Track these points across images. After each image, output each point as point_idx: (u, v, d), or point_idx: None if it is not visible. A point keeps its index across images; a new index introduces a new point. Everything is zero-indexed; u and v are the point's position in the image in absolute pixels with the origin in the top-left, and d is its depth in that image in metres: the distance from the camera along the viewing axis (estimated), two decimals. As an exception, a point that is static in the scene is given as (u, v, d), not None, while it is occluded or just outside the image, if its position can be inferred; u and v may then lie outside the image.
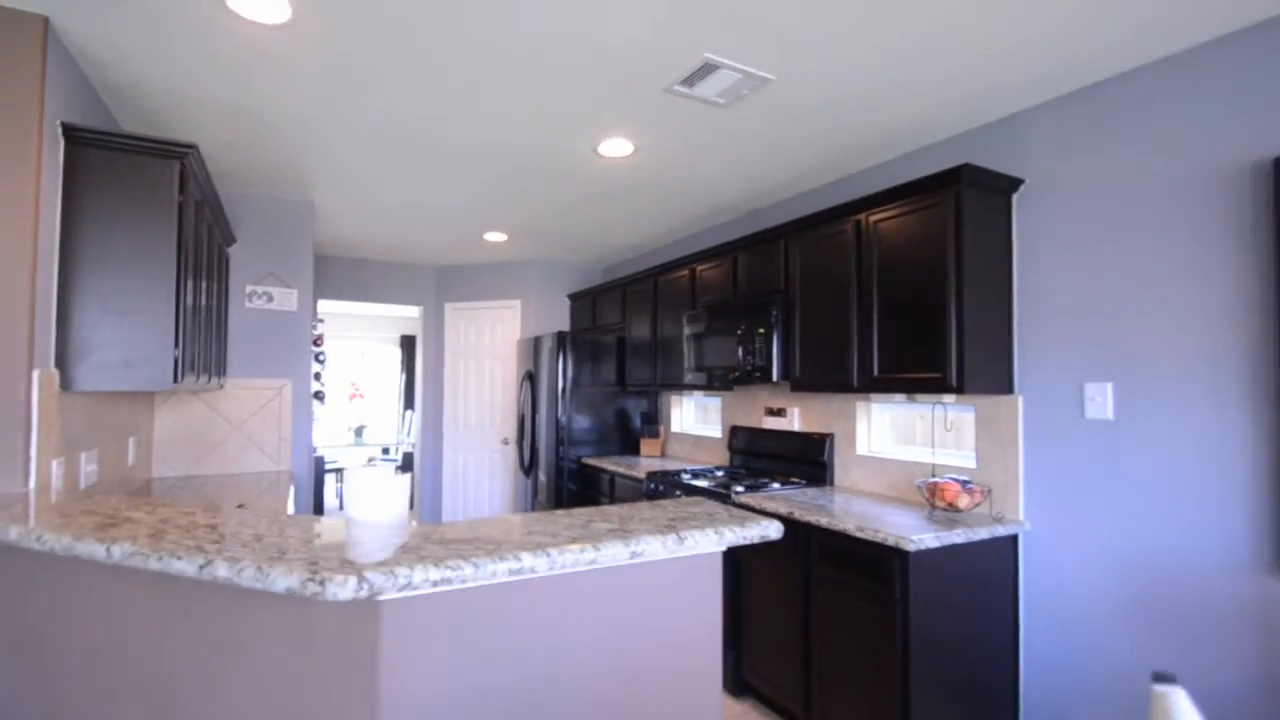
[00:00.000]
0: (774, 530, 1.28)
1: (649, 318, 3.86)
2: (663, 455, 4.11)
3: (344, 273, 4.81)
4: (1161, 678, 0.80)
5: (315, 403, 4.38)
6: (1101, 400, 1.96)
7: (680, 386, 3.51)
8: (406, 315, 7.61)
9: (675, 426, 4.13)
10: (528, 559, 1.04)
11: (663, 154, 2.67)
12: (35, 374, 1.69)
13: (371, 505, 1.34)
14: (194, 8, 1.68)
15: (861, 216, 2.44)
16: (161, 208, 2.02)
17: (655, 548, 1.16)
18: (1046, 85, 2.03)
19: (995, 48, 1.81)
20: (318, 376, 4.55)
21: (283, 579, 0.93)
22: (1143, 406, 1.87)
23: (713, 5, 1.61)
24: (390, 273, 4.98)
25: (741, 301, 2.97)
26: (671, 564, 1.25)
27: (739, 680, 2.61)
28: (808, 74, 1.97)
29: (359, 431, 6.99)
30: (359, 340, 7.65)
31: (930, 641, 1.96)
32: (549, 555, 1.06)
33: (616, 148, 2.60)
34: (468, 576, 1.00)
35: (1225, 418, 1.70)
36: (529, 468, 4.40)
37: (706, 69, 1.95)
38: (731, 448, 3.46)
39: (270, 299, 3.35)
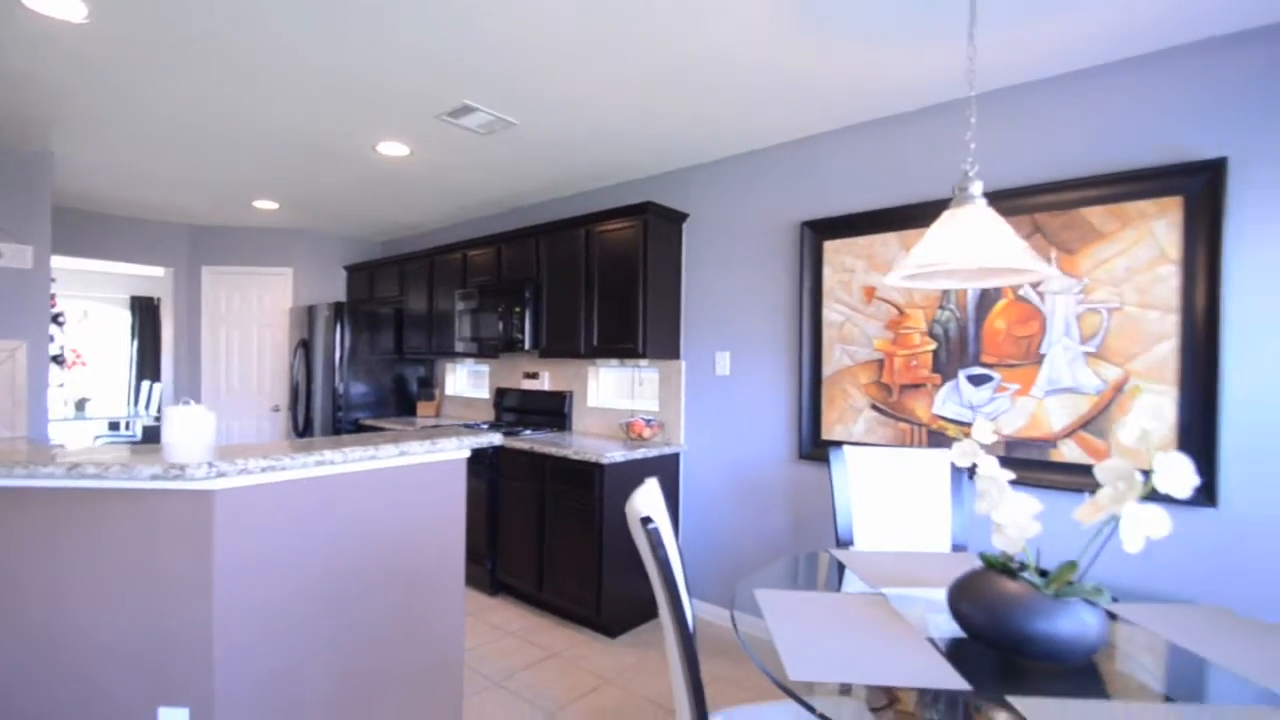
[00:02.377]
0: (497, 438, 1.98)
1: (425, 293, 4.29)
2: (438, 415, 4.60)
3: (77, 226, 4.25)
4: (647, 520, 1.17)
5: (54, 366, 3.89)
6: (724, 363, 3.06)
7: (454, 355, 4.06)
8: (138, 274, 6.67)
9: (449, 390, 4.66)
10: (329, 454, 1.57)
11: (435, 159, 3.15)
12: None
13: (189, 433, 1.72)
14: None
15: (589, 227, 3.26)
16: None
17: (418, 449, 1.77)
18: (700, 154, 3.02)
19: (673, 127, 2.70)
20: (51, 339, 4.01)
21: (147, 469, 1.33)
22: (744, 367, 3.00)
23: (470, 68, 2.17)
24: (133, 230, 4.52)
25: (504, 283, 3.62)
26: (430, 466, 1.87)
27: (495, 581, 3.35)
28: (544, 123, 2.66)
29: (81, 405, 6.03)
30: (80, 300, 6.50)
31: (616, 529, 2.89)
32: (343, 452, 1.61)
33: (393, 149, 3.00)
34: (287, 466, 1.50)
35: (779, 374, 2.88)
36: (303, 432, 4.53)
37: (466, 109, 2.52)
38: (497, 406, 4.14)
39: (0, 255, 3.03)
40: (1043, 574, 1.16)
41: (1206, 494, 1.82)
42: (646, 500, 1.27)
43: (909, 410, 2.41)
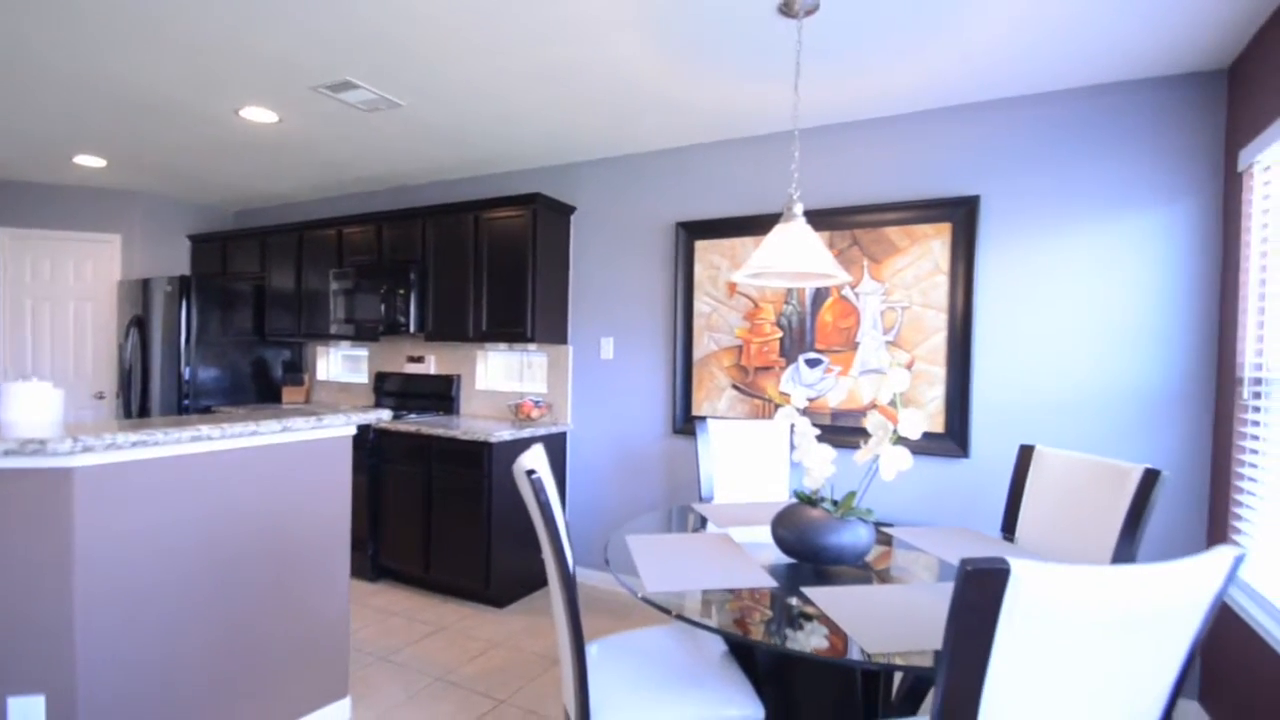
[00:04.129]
0: (386, 415, 2.27)
1: (293, 270, 4.28)
2: (307, 401, 4.60)
3: None
4: (531, 471, 1.80)
5: None
6: (609, 348, 3.53)
7: (328, 337, 4.12)
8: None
9: (321, 375, 4.67)
10: (205, 429, 1.76)
11: (308, 131, 3.26)
12: None
13: (32, 410, 1.81)
14: None
15: (479, 213, 3.56)
16: None
17: (301, 424, 2.01)
18: (587, 151, 3.46)
19: (560, 125, 3.09)
20: None
21: (1, 444, 1.46)
22: (626, 351, 3.49)
23: (353, 45, 2.39)
24: (-109, 177, 3.98)
25: (386, 264, 3.79)
26: (315, 443, 2.11)
27: (377, 567, 3.55)
28: (432, 107, 2.92)
29: None
30: None
31: (505, 505, 3.25)
32: (222, 428, 1.81)
33: (260, 115, 3.06)
34: (160, 441, 1.66)
35: (657, 358, 3.40)
36: (139, 422, 4.30)
37: (347, 85, 2.70)
38: (379, 391, 4.27)
39: None
40: (836, 504, 1.73)
41: (962, 448, 2.61)
42: (532, 458, 1.66)
43: (761, 389, 3.04)
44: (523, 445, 3.33)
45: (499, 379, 4.00)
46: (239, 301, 4.37)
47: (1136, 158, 2.39)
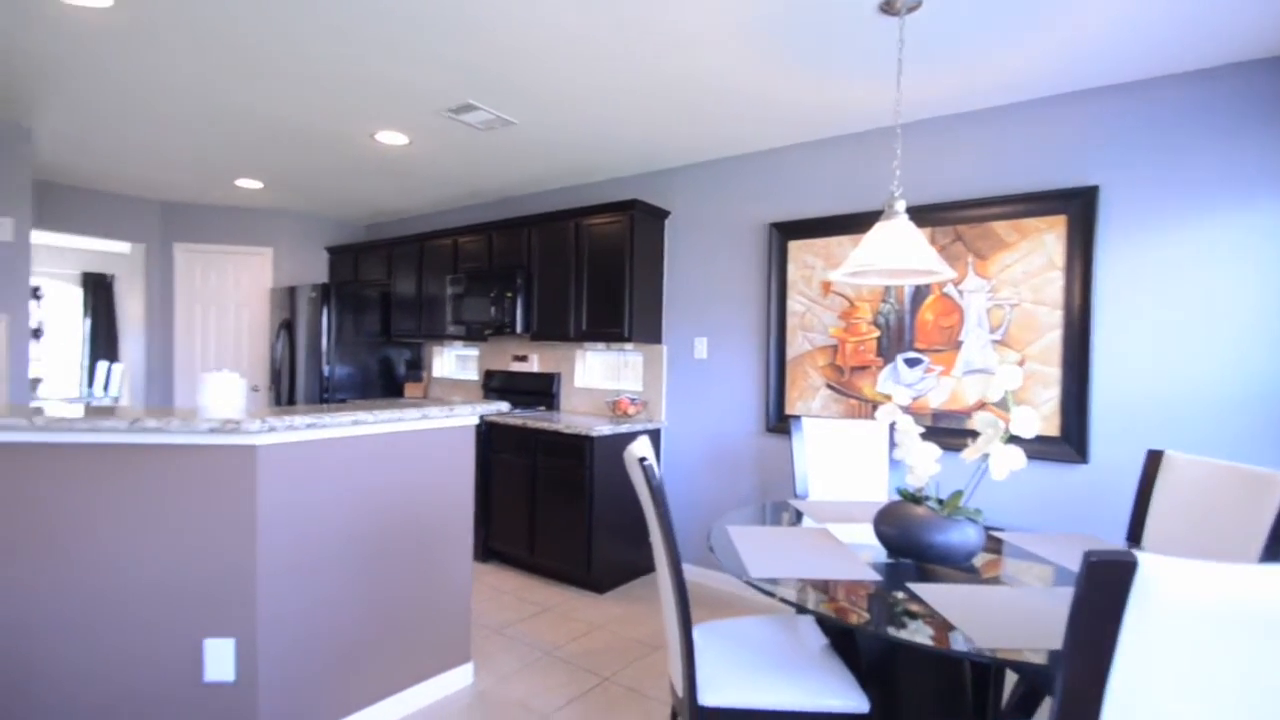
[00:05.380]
0: (505, 406, 2.46)
1: (414, 277, 4.67)
2: (425, 396, 5.00)
3: (41, 198, 4.44)
4: (643, 459, 1.90)
5: (33, 341, 4.08)
6: (702, 348, 3.59)
7: (443, 337, 4.46)
8: (91, 249, 6.73)
9: (437, 373, 5.06)
10: (362, 414, 2.01)
11: (433, 150, 3.56)
12: None
13: (224, 399, 2.12)
14: None
15: (579, 220, 3.73)
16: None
17: (437, 413, 2.23)
18: (681, 157, 3.54)
19: (657, 133, 3.20)
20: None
21: (207, 425, 1.74)
22: (719, 350, 3.54)
23: (476, 70, 2.61)
24: (101, 203, 4.72)
25: (495, 269, 4.05)
26: (445, 431, 2.33)
27: (487, 549, 3.81)
28: (541, 122, 3.11)
29: (34, 385, 6.11)
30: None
31: (605, 496, 3.40)
32: (375, 413, 2.05)
33: (393, 139, 3.39)
34: (327, 424, 1.93)
35: (750, 357, 3.43)
36: (286, 413, 4.85)
37: (468, 107, 2.94)
38: (486, 387, 4.57)
39: None
40: (941, 503, 1.70)
41: (1079, 452, 2.46)
42: (641, 447, 1.76)
43: (857, 388, 2.99)
44: (621, 439, 3.46)
45: (596, 377, 4.16)
46: (368, 306, 4.82)
47: (1265, 142, 2.15)
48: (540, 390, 4.24)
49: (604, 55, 2.36)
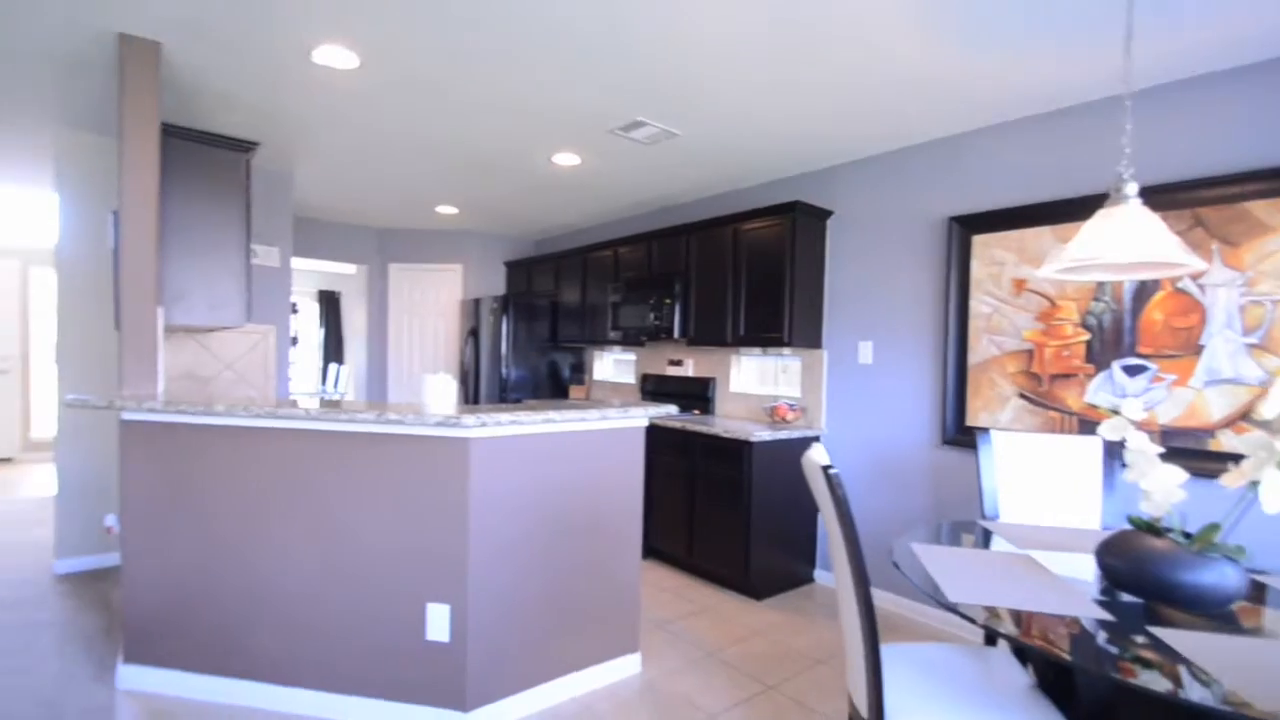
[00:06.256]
0: (673, 409, 2.51)
1: (579, 286, 4.97)
2: (587, 398, 5.29)
3: (294, 230, 5.43)
4: (828, 467, 1.83)
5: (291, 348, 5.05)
6: (867, 352, 3.38)
7: (604, 343, 4.69)
8: (327, 271, 8.08)
9: (597, 376, 5.33)
10: (552, 414, 2.18)
11: (601, 167, 3.76)
12: (158, 311, 2.52)
13: (441, 397, 2.40)
14: (282, 53, 2.51)
15: (737, 225, 3.71)
16: (235, 187, 2.83)
17: (614, 414, 2.35)
18: (845, 153, 3.37)
19: (821, 129, 3.10)
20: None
21: (435, 418, 1.99)
22: (886, 355, 3.31)
23: (644, 89, 2.72)
24: (334, 232, 5.65)
25: (654, 277, 4.17)
26: (619, 431, 2.44)
27: (647, 546, 3.92)
28: (703, 132, 3.15)
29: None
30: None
31: (762, 502, 3.33)
32: (563, 413, 2.21)
33: (567, 160, 3.65)
34: (522, 421, 2.12)
35: (921, 362, 3.16)
36: (471, 410, 5.42)
37: (637, 124, 3.07)
38: (643, 390, 4.72)
39: (255, 255, 4.07)
40: (1187, 537, 1.42)
41: (1384, 484, 1.91)
42: (821, 454, 1.69)
43: (1059, 399, 2.62)
44: (779, 447, 3.37)
45: (751, 382, 4.10)
46: (539, 315, 5.22)
47: None
48: (695, 394, 4.28)
49: (764, 58, 2.33)
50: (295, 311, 5.29)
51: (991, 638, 1.94)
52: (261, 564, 2.19)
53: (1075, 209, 2.56)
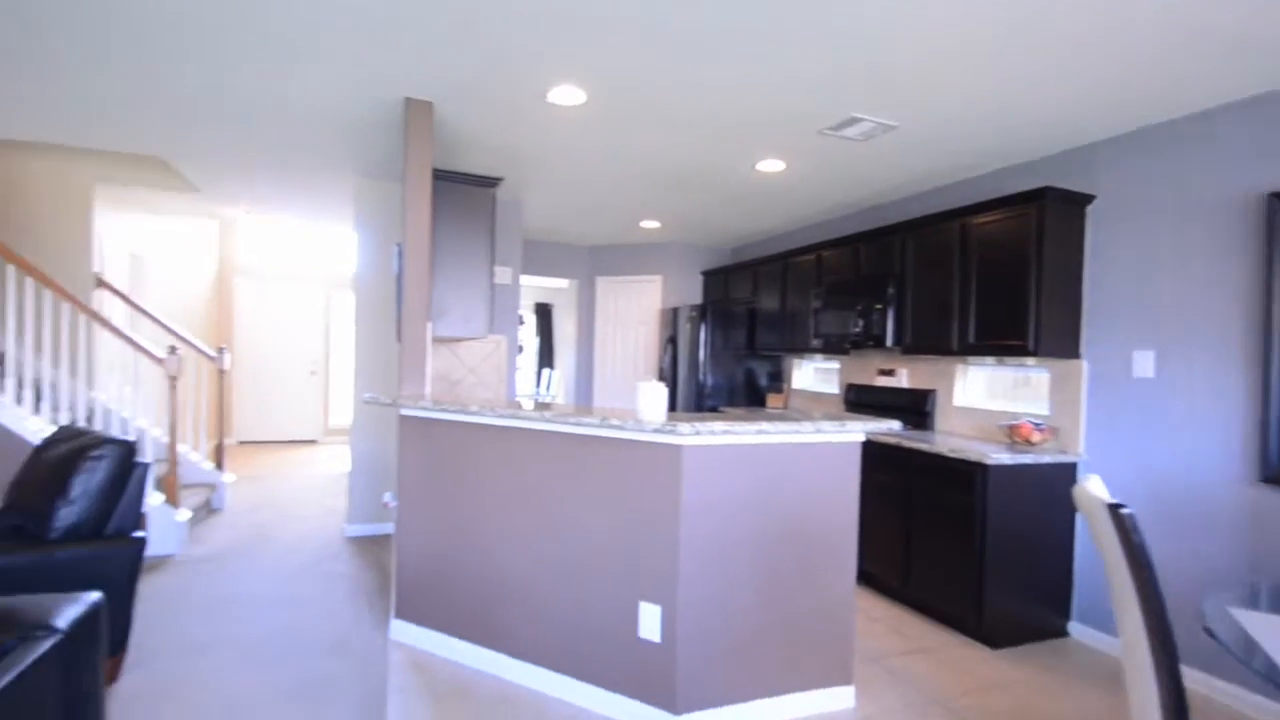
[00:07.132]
0: (896, 425, 2.31)
1: (778, 293, 4.86)
2: (785, 407, 5.14)
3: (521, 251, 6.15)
4: (1118, 505, 1.27)
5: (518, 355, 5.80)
6: (1146, 364, 2.78)
7: (804, 351, 4.52)
8: (541, 286, 9.02)
9: (796, 385, 5.15)
10: (765, 425, 2.14)
11: (807, 171, 3.64)
12: (428, 325, 3.00)
13: (654, 403, 2.50)
14: (521, 97, 2.82)
15: (965, 220, 3.31)
16: (483, 218, 3.29)
17: (829, 428, 2.23)
18: (1108, 127, 2.81)
19: (1073, 101, 2.64)
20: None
21: (651, 425, 2.07)
22: (1171, 366, 2.68)
23: (858, 83, 2.56)
24: (552, 251, 6.27)
25: (862, 281, 3.91)
26: (833, 446, 2.31)
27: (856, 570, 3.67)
28: (923, 121, 2.87)
29: (509, 386, 8.54)
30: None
31: (1001, 535, 2.90)
32: (776, 424, 2.16)
33: (771, 166, 3.59)
34: (735, 431, 2.11)
35: (1227, 376, 2.50)
36: (669, 416, 5.61)
37: (850, 121, 2.90)
38: (846, 401, 4.44)
39: (495, 275, 4.68)
40: None
41: None
42: (1099, 487, 1.39)
43: None
44: (1022, 473, 2.92)
45: (979, 395, 3.63)
46: (736, 322, 5.21)
47: None
48: (910, 407, 3.90)
49: (1005, 20, 2.03)
50: (522, 323, 5.97)
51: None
52: (498, 548, 2.48)
53: None
